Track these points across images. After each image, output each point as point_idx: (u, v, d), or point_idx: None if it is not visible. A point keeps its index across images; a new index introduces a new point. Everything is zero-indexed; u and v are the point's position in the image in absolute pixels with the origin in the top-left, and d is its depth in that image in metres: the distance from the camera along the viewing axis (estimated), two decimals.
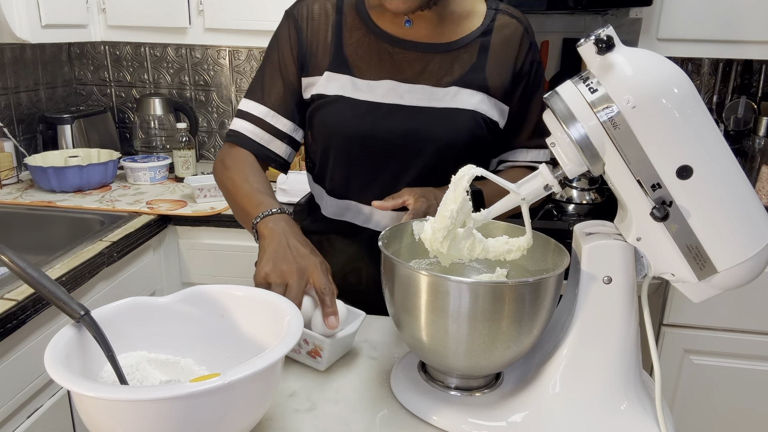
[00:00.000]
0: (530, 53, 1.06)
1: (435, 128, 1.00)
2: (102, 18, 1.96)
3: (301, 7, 1.05)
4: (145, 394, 0.57)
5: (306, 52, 1.04)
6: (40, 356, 0.61)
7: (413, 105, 1.00)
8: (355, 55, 1.02)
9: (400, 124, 1.00)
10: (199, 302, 0.77)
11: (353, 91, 1.01)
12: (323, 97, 1.02)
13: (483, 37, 1.03)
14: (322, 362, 0.83)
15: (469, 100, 1.00)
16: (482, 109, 1.01)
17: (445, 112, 1.00)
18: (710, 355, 1.71)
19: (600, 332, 0.71)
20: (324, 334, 0.82)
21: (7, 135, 1.99)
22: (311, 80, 1.04)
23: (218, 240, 1.76)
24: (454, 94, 1.00)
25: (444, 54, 1.01)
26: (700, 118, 0.63)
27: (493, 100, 1.03)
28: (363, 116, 1.00)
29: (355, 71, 1.02)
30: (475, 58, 1.02)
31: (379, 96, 1.00)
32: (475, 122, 1.01)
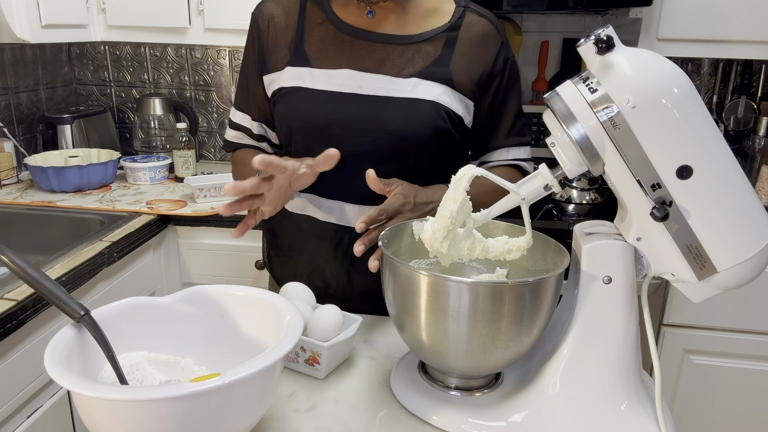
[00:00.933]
0: (502, 51, 1.03)
1: (395, 118, 0.97)
2: (102, 18, 1.96)
3: (262, 8, 1.06)
4: (145, 394, 0.57)
5: (266, 51, 1.04)
6: (40, 356, 0.61)
7: (372, 94, 0.98)
8: (315, 48, 1.01)
9: (359, 113, 0.98)
10: (199, 302, 0.77)
11: (311, 81, 1.00)
12: (282, 90, 1.02)
13: (449, 32, 1.01)
14: (321, 369, 0.83)
15: (430, 92, 0.98)
16: (444, 101, 0.98)
17: (405, 102, 0.98)
18: (710, 355, 1.71)
19: (600, 332, 0.71)
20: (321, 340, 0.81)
21: (7, 135, 1.99)
22: (272, 77, 1.04)
23: (218, 240, 1.76)
24: (414, 85, 0.98)
25: (406, 45, 1.00)
26: (700, 118, 0.63)
27: (458, 94, 1.00)
28: (320, 105, 0.99)
29: (314, 63, 1.01)
30: (440, 52, 1.00)
31: (337, 85, 0.99)
32: (437, 114, 0.98)
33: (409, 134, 0.98)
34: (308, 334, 0.83)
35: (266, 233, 1.20)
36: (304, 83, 1.00)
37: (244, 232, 0.83)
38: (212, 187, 1.81)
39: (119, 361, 0.68)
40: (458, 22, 1.02)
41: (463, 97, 1.02)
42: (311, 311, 0.85)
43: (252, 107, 1.09)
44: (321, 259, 1.07)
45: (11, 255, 0.67)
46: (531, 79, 2.16)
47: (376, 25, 1.01)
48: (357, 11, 1.01)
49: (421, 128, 0.98)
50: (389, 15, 1.01)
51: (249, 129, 1.11)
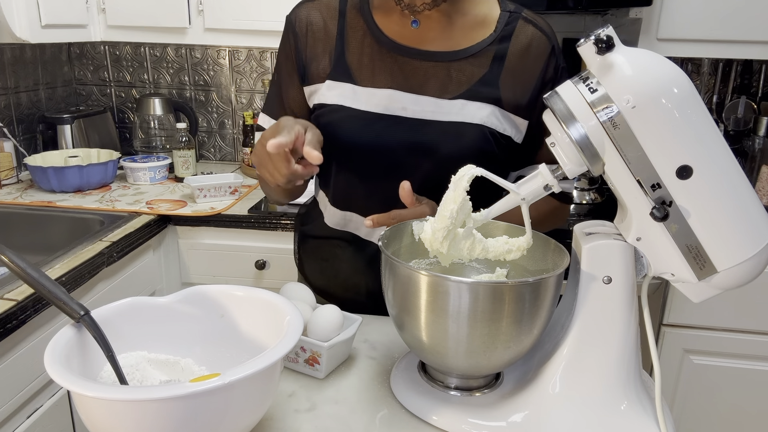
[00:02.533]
0: (552, 60, 0.99)
1: (440, 142, 0.94)
2: (102, 18, 1.96)
3: (299, 13, 1.01)
4: (145, 394, 0.57)
5: (305, 59, 1.00)
6: (40, 356, 0.61)
7: (417, 118, 0.95)
8: (357, 61, 0.97)
9: (404, 137, 0.95)
10: (199, 302, 0.77)
11: (353, 100, 0.96)
12: (324, 106, 0.99)
13: (498, 45, 0.96)
14: (321, 369, 0.83)
15: (477, 114, 0.94)
16: (491, 123, 0.95)
17: (451, 126, 0.94)
18: (710, 355, 1.71)
19: (600, 332, 0.71)
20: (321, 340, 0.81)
21: (7, 135, 1.99)
22: (313, 88, 1.01)
23: (218, 240, 1.76)
24: (460, 107, 0.94)
25: (451, 63, 0.95)
26: (700, 118, 0.63)
27: (505, 113, 0.96)
28: (364, 128, 0.96)
29: (356, 79, 0.97)
30: (487, 69, 0.95)
31: (381, 107, 0.96)
32: (482, 136, 0.95)
33: (454, 157, 0.93)
34: (308, 334, 0.83)
35: (299, 235, 1.17)
36: (346, 101, 0.97)
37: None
38: (212, 187, 1.81)
39: (119, 361, 0.68)
40: (507, 31, 0.97)
41: (512, 116, 0.97)
42: (311, 311, 0.85)
43: (279, 107, 1.05)
44: (358, 274, 1.06)
45: (11, 255, 0.67)
46: None
47: (420, 40, 0.96)
48: (400, 21, 0.96)
49: (465, 151, 0.94)
50: (434, 25, 0.96)
51: None
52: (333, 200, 1.06)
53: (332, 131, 0.97)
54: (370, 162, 0.98)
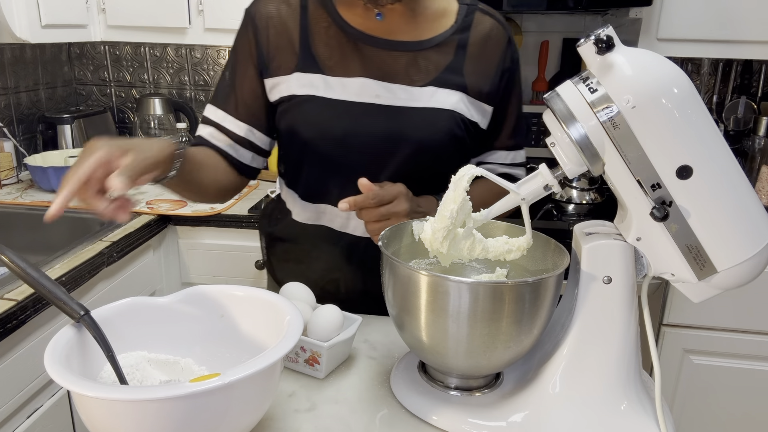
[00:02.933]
0: (509, 49, 1.03)
1: (414, 128, 0.96)
2: (102, 18, 1.96)
3: (259, 6, 1.01)
4: (145, 394, 0.57)
5: (266, 52, 0.99)
6: (40, 356, 0.61)
7: (391, 104, 0.97)
8: (324, 52, 0.97)
9: (379, 124, 0.96)
10: (199, 302, 0.77)
11: (326, 89, 0.96)
12: (293, 98, 0.98)
13: (460, 35, 1.00)
14: (321, 369, 0.83)
15: (447, 100, 0.97)
16: (460, 109, 0.98)
17: (424, 112, 0.97)
18: (710, 355, 1.71)
19: (600, 332, 0.71)
20: (321, 340, 0.81)
21: (7, 135, 1.99)
22: (276, 81, 0.99)
23: (218, 240, 1.76)
24: (431, 94, 0.97)
25: (418, 52, 0.98)
26: (700, 118, 0.63)
27: (472, 100, 1.00)
28: (339, 116, 0.96)
29: (325, 69, 0.97)
30: (452, 57, 0.99)
31: (354, 94, 0.96)
32: (454, 122, 0.98)
33: (427, 143, 0.97)
34: (308, 334, 0.83)
35: (266, 238, 1.17)
36: (318, 92, 0.97)
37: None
38: None
39: (119, 361, 0.68)
40: (467, 23, 1.01)
41: (478, 103, 1.01)
42: (311, 311, 0.85)
43: (240, 108, 1.02)
44: (335, 267, 1.06)
45: (11, 255, 0.67)
46: (531, 79, 2.16)
47: (386, 31, 0.98)
48: (364, 13, 0.97)
49: (439, 136, 0.97)
50: (398, 18, 0.98)
51: (231, 131, 1.03)
52: (303, 194, 1.05)
53: (304, 121, 0.98)
54: (345, 150, 0.98)
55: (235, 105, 1.03)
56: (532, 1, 1.76)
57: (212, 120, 1.04)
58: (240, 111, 1.03)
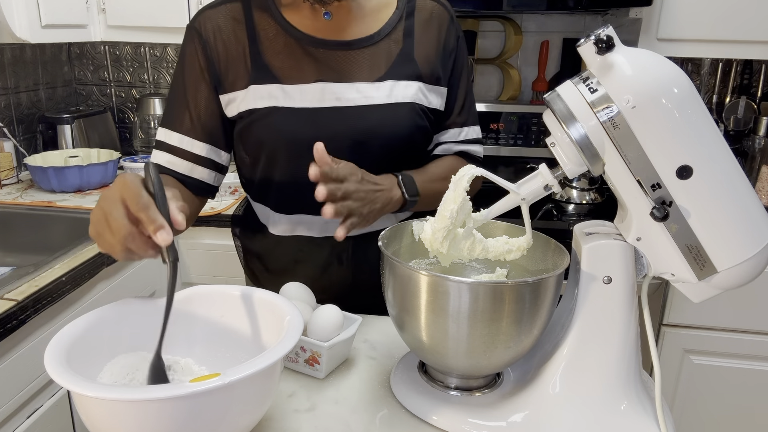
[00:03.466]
0: (452, 28, 1.03)
1: (378, 125, 0.96)
2: (102, 18, 1.96)
3: (202, 20, 0.97)
4: (146, 394, 0.57)
5: (218, 67, 0.96)
6: (40, 356, 0.61)
7: (352, 105, 0.96)
8: (277, 61, 0.95)
9: (343, 126, 0.95)
10: (199, 302, 0.77)
11: (285, 99, 0.94)
12: (254, 112, 0.95)
13: (405, 21, 1.00)
14: (321, 369, 0.83)
15: (406, 93, 0.98)
16: (420, 99, 0.99)
17: (385, 108, 0.97)
18: (710, 355, 1.71)
19: (600, 332, 0.71)
20: (321, 340, 0.81)
21: (7, 135, 1.99)
22: (232, 96, 0.96)
23: (218, 240, 1.76)
24: (390, 89, 0.97)
25: (369, 47, 0.98)
26: (700, 118, 0.64)
27: (429, 87, 1.01)
28: (303, 124, 0.95)
29: (281, 78, 0.95)
30: (402, 44, 0.99)
31: (314, 100, 0.95)
32: (416, 113, 0.99)
33: (393, 137, 0.98)
34: (308, 334, 0.83)
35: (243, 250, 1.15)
36: (278, 102, 0.94)
37: None
38: None
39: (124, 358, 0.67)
40: (410, 8, 1.01)
41: (435, 87, 1.02)
42: (311, 311, 0.85)
43: (197, 128, 0.98)
44: (321, 271, 1.06)
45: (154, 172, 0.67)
46: (531, 79, 2.16)
47: (335, 30, 0.97)
48: (312, 15, 0.96)
49: (403, 129, 0.98)
50: (346, 14, 0.98)
51: (191, 153, 0.98)
52: (277, 207, 1.04)
53: (268, 134, 0.96)
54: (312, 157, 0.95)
55: (191, 124, 0.98)
56: (532, 1, 1.76)
57: (168, 144, 0.99)
58: (197, 130, 0.98)
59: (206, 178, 1.01)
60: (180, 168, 0.99)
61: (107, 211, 0.65)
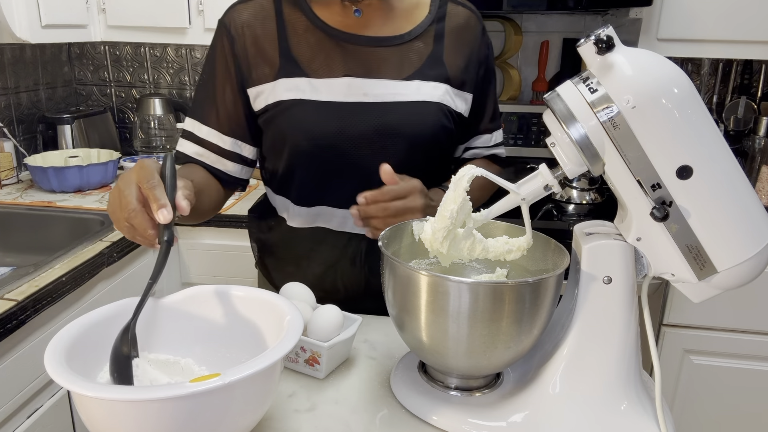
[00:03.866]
0: (484, 37, 1.05)
1: (404, 122, 0.97)
2: (102, 18, 1.96)
3: (233, 15, 0.98)
4: (145, 394, 0.57)
5: (244, 62, 0.97)
6: (40, 356, 0.61)
7: (379, 101, 0.97)
8: (305, 55, 0.97)
9: (369, 121, 0.96)
10: (199, 302, 0.77)
11: (312, 92, 0.95)
12: (280, 104, 0.96)
13: (436, 25, 1.01)
14: (321, 369, 0.83)
15: (434, 93, 0.99)
16: (446, 101, 1.00)
17: (412, 105, 0.98)
18: (710, 355, 1.71)
19: (600, 332, 0.71)
20: (321, 340, 0.81)
21: (7, 135, 1.99)
22: (260, 89, 0.98)
23: (218, 240, 1.76)
24: (417, 87, 0.98)
25: (399, 46, 0.99)
26: (700, 118, 0.64)
27: (456, 91, 1.02)
28: (328, 118, 0.96)
29: (309, 72, 0.96)
30: (432, 47, 1.00)
31: (341, 94, 0.96)
32: (442, 113, 0.99)
33: (419, 136, 0.98)
34: (308, 334, 0.83)
35: (258, 243, 1.16)
36: (305, 95, 0.96)
37: None
38: None
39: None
40: (441, 13, 1.02)
41: (460, 92, 1.03)
42: (311, 311, 0.85)
43: (223, 122, 1.00)
44: (335, 267, 1.05)
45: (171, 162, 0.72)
46: (531, 79, 2.16)
47: (364, 27, 0.98)
48: (342, 11, 0.97)
49: (429, 129, 0.98)
50: (377, 12, 0.99)
51: (217, 145, 1.01)
52: (297, 199, 1.04)
53: (292, 126, 0.97)
54: (337, 151, 0.97)
55: (217, 119, 1.00)
56: (532, 1, 1.76)
57: (196, 135, 1.02)
58: (223, 125, 1.01)
59: (233, 171, 1.04)
60: (208, 160, 1.02)
61: (121, 189, 0.71)
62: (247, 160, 1.05)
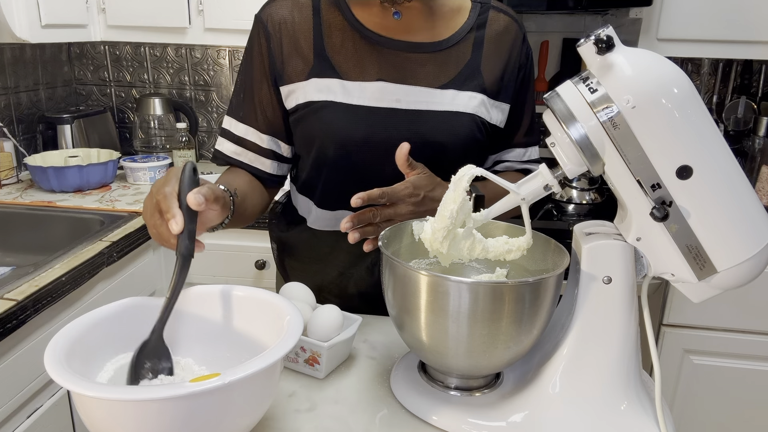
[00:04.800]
0: (524, 46, 1.02)
1: (435, 132, 0.95)
2: (102, 18, 1.96)
3: (270, 12, 0.97)
4: (145, 394, 0.57)
5: (279, 59, 0.96)
6: (40, 356, 0.61)
7: (411, 109, 0.95)
8: (340, 56, 0.95)
9: (399, 128, 0.94)
10: (199, 302, 0.77)
11: (344, 95, 0.94)
12: (311, 104, 0.95)
13: (476, 32, 0.99)
14: (321, 369, 0.83)
15: (468, 104, 0.97)
16: (481, 113, 0.98)
17: (445, 115, 0.96)
18: (710, 355, 1.71)
19: (600, 332, 0.71)
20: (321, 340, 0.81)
21: (7, 135, 1.99)
22: (292, 88, 0.97)
23: (218, 240, 1.76)
24: (452, 97, 0.96)
25: (436, 53, 0.96)
26: (700, 118, 0.64)
27: (492, 102, 0.99)
28: (358, 122, 0.94)
29: (342, 74, 0.95)
30: (470, 55, 0.98)
31: (373, 99, 0.94)
32: (475, 125, 0.97)
33: (448, 146, 0.96)
34: (308, 334, 0.83)
35: (278, 243, 1.15)
36: (336, 97, 0.94)
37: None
38: None
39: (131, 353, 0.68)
40: (482, 20, 1.00)
41: (497, 103, 1.00)
42: (311, 311, 0.85)
43: (260, 120, 1.00)
44: (352, 271, 1.05)
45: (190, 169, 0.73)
46: None
47: (403, 31, 0.96)
48: (381, 13, 0.95)
49: (460, 139, 0.96)
50: (417, 15, 0.96)
51: (255, 144, 1.01)
52: (320, 202, 1.03)
53: (320, 128, 0.95)
54: (365, 156, 0.96)
55: (254, 117, 1.01)
56: (532, 1, 1.76)
57: (234, 134, 1.02)
58: (260, 122, 1.01)
59: (271, 169, 1.04)
60: (246, 158, 1.02)
61: (147, 198, 0.75)
62: (285, 158, 1.05)
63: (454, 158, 0.97)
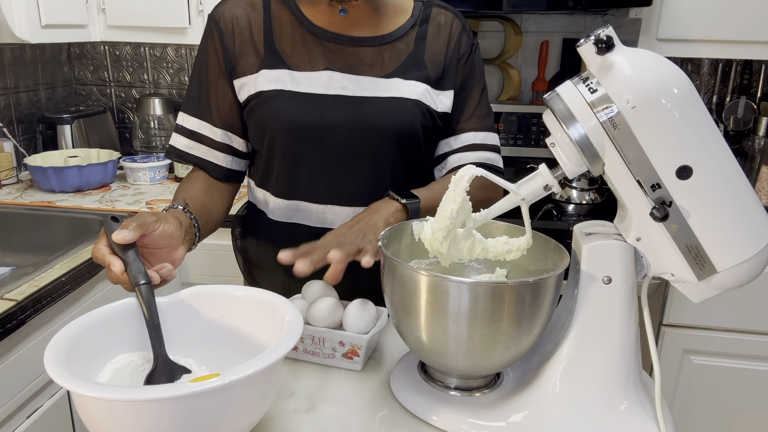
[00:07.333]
0: (465, 36, 1.06)
1: (381, 117, 0.98)
2: (102, 18, 1.96)
3: (222, 10, 1.02)
4: (145, 394, 0.57)
5: (232, 54, 1.00)
6: (40, 356, 0.61)
7: (357, 95, 0.99)
8: (289, 49, 1.00)
9: (347, 114, 0.98)
10: (199, 302, 0.77)
11: (293, 84, 0.98)
12: (261, 94, 0.99)
13: (419, 27, 1.04)
14: (359, 361, 0.84)
15: (413, 91, 1.00)
16: (426, 100, 1.01)
17: (390, 101, 0.99)
18: (710, 355, 1.71)
19: (600, 332, 0.71)
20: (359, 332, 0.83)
21: (7, 135, 1.99)
22: (244, 81, 1.00)
23: (218, 240, 1.75)
24: (396, 85, 1.00)
25: (380, 46, 1.01)
26: (700, 118, 0.64)
27: (436, 91, 1.03)
28: (307, 108, 0.98)
29: (291, 65, 0.99)
30: (413, 48, 1.02)
31: (321, 87, 0.98)
32: (420, 111, 1.00)
33: (396, 131, 0.99)
34: (346, 329, 0.84)
35: (240, 252, 1.17)
36: (285, 86, 0.98)
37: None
38: None
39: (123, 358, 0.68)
40: (425, 15, 1.05)
41: (442, 92, 1.04)
42: (342, 307, 0.85)
43: (214, 114, 1.03)
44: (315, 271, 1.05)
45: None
46: (531, 79, 2.16)
47: (348, 27, 1.00)
48: (328, 10, 1.00)
49: (406, 125, 1.00)
50: (362, 13, 1.01)
51: (208, 137, 1.04)
52: (276, 191, 1.06)
53: (273, 115, 0.99)
54: (314, 142, 0.99)
55: (208, 111, 1.03)
56: (532, 1, 1.76)
57: (186, 128, 1.04)
58: (214, 116, 1.03)
59: (226, 162, 1.06)
60: (198, 152, 1.04)
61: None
62: (240, 153, 1.07)
63: (402, 143, 1.01)
